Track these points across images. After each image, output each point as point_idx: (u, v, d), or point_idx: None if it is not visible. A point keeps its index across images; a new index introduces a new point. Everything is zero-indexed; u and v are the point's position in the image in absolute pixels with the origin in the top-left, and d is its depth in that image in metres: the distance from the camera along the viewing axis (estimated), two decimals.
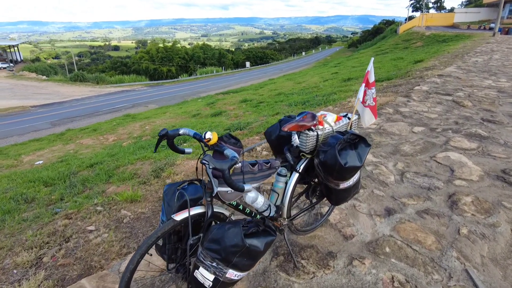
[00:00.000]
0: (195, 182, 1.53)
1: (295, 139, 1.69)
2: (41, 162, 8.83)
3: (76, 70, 53.03)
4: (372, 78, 1.92)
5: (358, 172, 1.76)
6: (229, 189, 1.36)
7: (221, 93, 23.78)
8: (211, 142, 1.34)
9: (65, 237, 2.43)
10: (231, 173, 1.26)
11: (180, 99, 28.45)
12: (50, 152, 10.74)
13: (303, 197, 2.14)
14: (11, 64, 54.43)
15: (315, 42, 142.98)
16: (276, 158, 1.93)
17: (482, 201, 2.46)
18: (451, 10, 66.26)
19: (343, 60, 36.88)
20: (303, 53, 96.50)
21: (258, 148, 4.07)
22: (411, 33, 39.22)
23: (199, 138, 1.38)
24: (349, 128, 1.87)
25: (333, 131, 1.76)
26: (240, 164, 1.42)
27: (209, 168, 1.16)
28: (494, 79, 7.59)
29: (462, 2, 76.22)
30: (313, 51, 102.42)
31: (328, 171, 1.62)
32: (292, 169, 1.76)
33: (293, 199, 1.88)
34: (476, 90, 6.40)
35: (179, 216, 1.31)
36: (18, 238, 2.57)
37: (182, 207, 1.38)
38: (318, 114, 1.79)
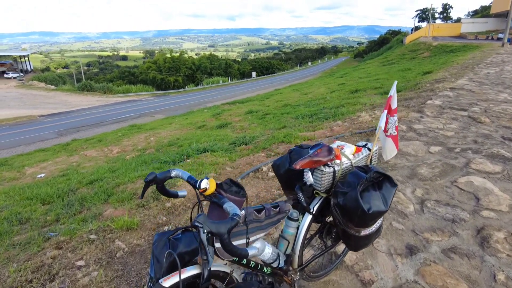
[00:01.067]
0: (191, 229, 1.29)
1: (309, 177, 1.46)
2: (43, 175, 8.71)
3: (84, 79, 53.71)
4: (394, 104, 1.69)
5: (382, 217, 1.52)
6: None
7: (227, 103, 23.71)
8: (208, 192, 1.11)
9: (51, 274, 2.20)
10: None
11: (186, 109, 28.48)
12: (54, 164, 10.64)
13: (316, 239, 1.89)
14: (21, 74, 55.36)
15: (321, 52, 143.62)
16: (285, 195, 1.70)
17: None
18: (458, 20, 66.09)
19: (350, 71, 36.73)
20: (309, 63, 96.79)
21: (264, 168, 3.83)
22: (418, 43, 39.02)
23: (193, 184, 1.15)
24: (369, 160, 1.63)
25: (352, 165, 1.53)
26: (243, 211, 1.19)
27: (203, 232, 0.92)
28: (509, 92, 7.30)
29: (469, 12, 76.04)
30: (319, 61, 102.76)
31: (348, 217, 1.38)
32: (304, 210, 1.52)
33: (305, 242, 1.64)
34: (492, 104, 6.12)
35: (168, 282, 1.06)
36: (1, 272, 2.35)
37: (172, 267, 1.14)
38: (334, 145, 1.56)
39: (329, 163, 1.44)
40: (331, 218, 1.72)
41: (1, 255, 2.77)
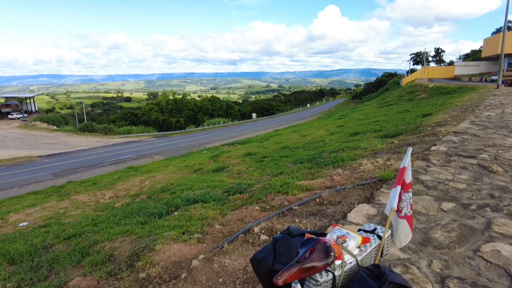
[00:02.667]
0: None
1: None
2: (25, 223, 8.18)
3: (86, 120, 54.41)
4: (409, 178, 1.33)
5: None
6: None
7: (226, 144, 23.58)
8: None
9: None
10: None
11: (186, 150, 28.31)
12: (41, 210, 10.13)
13: None
14: (25, 115, 56.22)
15: (320, 94, 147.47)
16: None
17: None
18: (451, 63, 68.50)
19: (348, 112, 37.17)
20: (308, 104, 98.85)
21: (256, 229, 3.37)
22: (414, 85, 39.94)
23: None
24: (379, 253, 1.23)
25: (357, 264, 1.12)
26: None
27: None
28: None
29: (460, 56, 79.05)
30: (318, 103, 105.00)
31: None
32: None
33: None
34: (501, 150, 5.79)
35: None
36: None
37: None
38: (334, 237, 1.16)
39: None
40: None
41: None
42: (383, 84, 74.80)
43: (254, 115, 68.89)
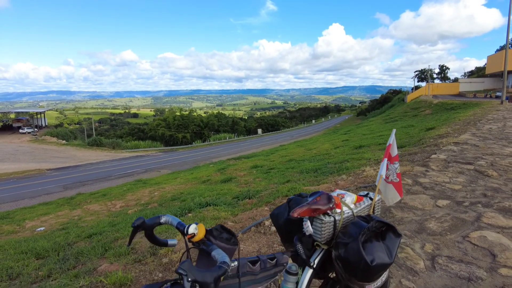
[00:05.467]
0: (179, 282, 1.20)
1: (308, 226, 1.39)
2: (42, 228, 8.53)
3: (94, 135, 55.39)
4: (394, 152, 1.69)
5: (388, 270, 1.42)
6: None
7: (232, 159, 23.90)
8: (196, 239, 1.05)
9: None
10: (222, 279, 0.97)
11: (192, 164, 28.70)
12: (55, 217, 10.49)
13: None
14: (36, 129, 57.51)
15: (325, 110, 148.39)
16: (285, 248, 1.61)
17: None
18: (455, 80, 68.96)
19: (353, 128, 37.46)
20: (313, 121, 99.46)
21: (267, 223, 3.71)
22: (419, 102, 40.27)
23: (182, 231, 1.10)
24: (371, 211, 1.58)
25: (353, 215, 1.47)
26: (235, 263, 1.12)
27: (187, 281, 0.82)
28: None
29: (465, 73, 79.55)
30: (323, 119, 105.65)
31: (351, 271, 1.29)
32: (304, 264, 1.43)
33: None
34: (498, 158, 6.07)
35: None
36: None
37: None
38: (334, 194, 1.52)
39: (329, 212, 1.39)
40: (334, 274, 1.60)
41: None
42: (388, 100, 75.34)
43: (259, 130, 69.52)
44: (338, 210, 1.43)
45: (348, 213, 1.46)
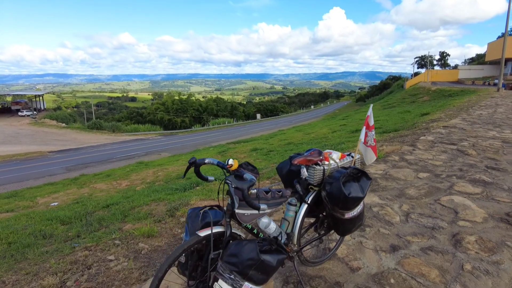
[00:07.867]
0: (215, 207, 1.74)
1: (304, 172, 1.92)
2: (56, 203, 9.07)
3: (94, 118, 55.57)
4: (371, 122, 2.19)
5: (362, 203, 1.94)
6: (246, 211, 1.56)
7: (232, 143, 24.41)
8: (233, 168, 1.59)
9: (87, 265, 2.57)
10: (249, 193, 1.48)
11: (192, 148, 29.22)
12: (65, 195, 11.03)
13: (312, 232, 2.29)
14: (35, 112, 57.58)
15: (324, 96, 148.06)
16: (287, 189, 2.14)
17: (485, 240, 2.55)
18: (455, 67, 68.96)
19: (352, 114, 37.91)
20: (312, 106, 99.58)
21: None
22: (417, 88, 40.59)
23: (222, 165, 1.63)
24: (352, 165, 2.10)
25: (338, 166, 1.99)
26: (255, 190, 1.64)
27: (232, 187, 1.39)
28: (498, 130, 7.82)
29: (465, 60, 79.40)
30: (322, 105, 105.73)
31: (334, 202, 1.82)
32: (301, 200, 1.96)
33: (302, 231, 2.04)
34: (480, 140, 6.60)
35: (203, 233, 1.50)
36: (42, 266, 2.72)
37: (205, 226, 1.58)
38: (324, 151, 2.04)
39: (319, 162, 1.91)
40: (324, 214, 2.14)
41: (36, 257, 3.13)
42: (388, 87, 75.48)
43: (258, 116, 69.84)
44: (326, 162, 1.95)
45: (334, 165, 1.99)
